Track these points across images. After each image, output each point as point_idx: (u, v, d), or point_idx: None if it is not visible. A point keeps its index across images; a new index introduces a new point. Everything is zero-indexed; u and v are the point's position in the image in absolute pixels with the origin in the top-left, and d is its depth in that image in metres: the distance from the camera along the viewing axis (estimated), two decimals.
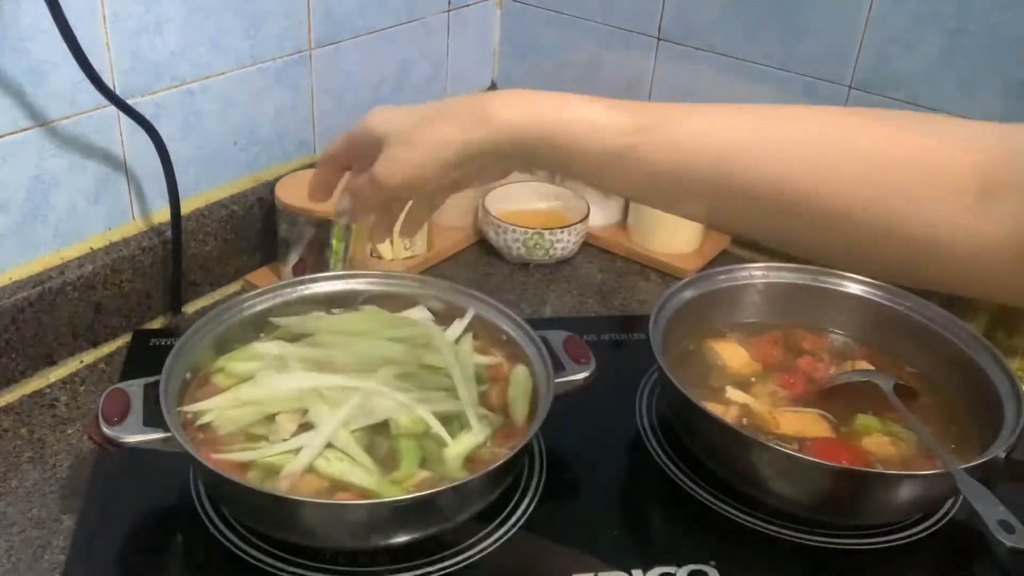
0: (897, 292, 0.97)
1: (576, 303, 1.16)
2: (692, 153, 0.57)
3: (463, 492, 0.74)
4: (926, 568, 0.82)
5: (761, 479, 0.81)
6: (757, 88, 1.22)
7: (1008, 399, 0.84)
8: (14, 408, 0.92)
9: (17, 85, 0.87)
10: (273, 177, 1.13)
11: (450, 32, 1.34)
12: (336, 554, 0.76)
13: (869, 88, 1.14)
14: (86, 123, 0.93)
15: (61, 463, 0.86)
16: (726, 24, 1.21)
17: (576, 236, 1.20)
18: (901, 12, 1.09)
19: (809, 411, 0.90)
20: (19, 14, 0.85)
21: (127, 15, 0.93)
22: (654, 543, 0.84)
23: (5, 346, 0.90)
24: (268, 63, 1.09)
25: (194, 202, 1.06)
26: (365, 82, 1.23)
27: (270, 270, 1.14)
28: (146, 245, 1.00)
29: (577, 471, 0.89)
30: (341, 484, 0.75)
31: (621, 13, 1.29)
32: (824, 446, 0.85)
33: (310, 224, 1.06)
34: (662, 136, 0.58)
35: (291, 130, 1.16)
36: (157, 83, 0.98)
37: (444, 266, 1.21)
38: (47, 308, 0.93)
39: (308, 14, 1.11)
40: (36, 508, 0.81)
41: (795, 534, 0.82)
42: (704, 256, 1.23)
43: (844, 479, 0.79)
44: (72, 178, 0.94)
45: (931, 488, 0.81)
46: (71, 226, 0.96)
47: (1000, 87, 1.06)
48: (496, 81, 1.46)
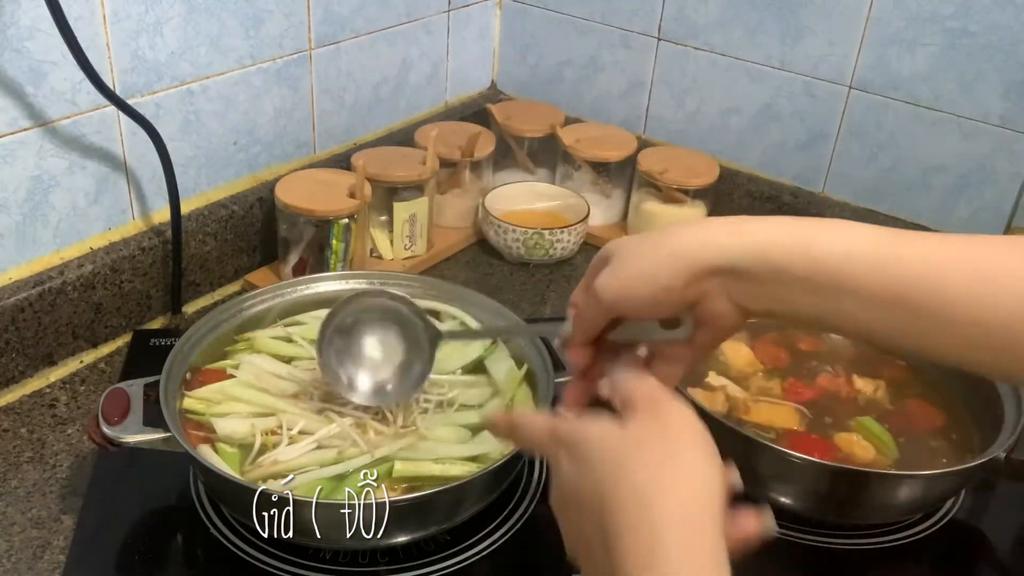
0: None
1: None
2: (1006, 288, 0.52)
3: (463, 492, 0.74)
4: (926, 568, 0.82)
5: (761, 479, 0.81)
6: (757, 88, 1.22)
7: (1008, 399, 0.84)
8: (14, 408, 0.92)
9: (17, 85, 0.87)
10: (273, 177, 1.13)
11: (450, 32, 1.34)
12: (336, 554, 0.76)
13: (869, 88, 1.14)
14: (86, 123, 0.93)
15: (61, 463, 0.86)
16: (726, 24, 1.21)
17: (576, 236, 1.20)
18: (901, 12, 1.09)
19: (786, 404, 0.91)
20: (19, 14, 0.85)
21: (127, 15, 0.93)
22: None
23: (5, 346, 0.90)
24: (268, 63, 1.09)
25: (194, 202, 1.06)
26: (365, 82, 1.23)
27: (270, 270, 1.14)
28: (146, 245, 1.00)
29: None
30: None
31: (621, 13, 1.29)
32: (792, 437, 0.86)
33: (310, 224, 1.06)
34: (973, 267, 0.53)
35: (291, 130, 1.16)
36: (157, 83, 0.98)
37: (444, 266, 1.21)
38: (47, 308, 0.93)
39: (308, 14, 1.11)
40: (36, 508, 0.81)
41: (795, 534, 0.82)
42: None
43: (844, 479, 0.79)
44: (72, 178, 0.94)
45: (931, 488, 0.81)
46: (71, 226, 0.96)
47: (1000, 87, 1.06)
48: (496, 81, 1.46)
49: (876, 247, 0.54)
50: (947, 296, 0.52)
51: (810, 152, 1.22)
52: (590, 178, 1.27)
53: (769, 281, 0.55)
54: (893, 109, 1.13)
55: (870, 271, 0.53)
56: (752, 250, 0.55)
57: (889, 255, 0.53)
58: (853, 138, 1.18)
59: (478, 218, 1.25)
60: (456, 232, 1.24)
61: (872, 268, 0.53)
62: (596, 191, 1.27)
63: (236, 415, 0.80)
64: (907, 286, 0.52)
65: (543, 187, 1.28)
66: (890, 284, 0.52)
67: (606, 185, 1.27)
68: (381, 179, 1.12)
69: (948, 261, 0.52)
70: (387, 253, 1.16)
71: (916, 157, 1.14)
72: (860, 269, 0.53)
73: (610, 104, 1.35)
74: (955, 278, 0.52)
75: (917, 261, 0.53)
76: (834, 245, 0.54)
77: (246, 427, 0.79)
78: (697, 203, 1.22)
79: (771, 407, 0.91)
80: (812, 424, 0.89)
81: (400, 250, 1.16)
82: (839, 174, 1.20)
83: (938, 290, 0.52)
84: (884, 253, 0.53)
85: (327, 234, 1.06)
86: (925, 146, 1.13)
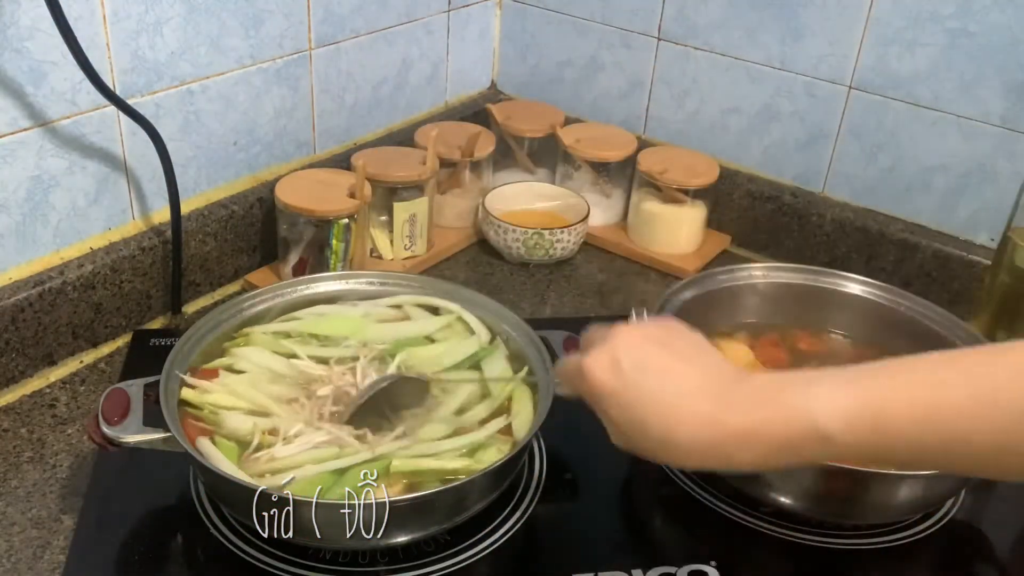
0: (897, 292, 0.97)
1: (576, 303, 1.16)
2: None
3: (463, 492, 0.74)
4: (926, 568, 0.82)
5: (761, 479, 0.81)
6: (757, 88, 1.22)
7: None
8: (14, 408, 0.92)
9: (17, 85, 0.87)
10: (273, 177, 1.13)
11: (450, 32, 1.34)
12: (336, 554, 0.76)
13: (869, 88, 1.14)
14: (86, 123, 0.93)
15: (61, 463, 0.86)
16: (726, 24, 1.21)
17: (576, 236, 1.20)
18: (901, 12, 1.09)
19: None
20: (19, 14, 0.85)
21: (127, 15, 0.93)
22: (654, 543, 0.84)
23: (5, 346, 0.90)
24: (268, 63, 1.09)
25: (194, 202, 1.06)
26: (365, 82, 1.23)
27: (270, 270, 1.14)
28: (146, 245, 1.00)
29: (577, 471, 0.88)
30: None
31: (621, 13, 1.29)
32: None
33: (310, 224, 1.06)
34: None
35: (291, 130, 1.16)
36: (157, 83, 0.98)
37: (444, 266, 1.21)
38: (47, 308, 0.93)
39: (308, 14, 1.11)
40: (36, 508, 0.81)
41: (795, 534, 0.82)
42: (704, 256, 1.23)
43: (844, 479, 0.79)
44: (72, 178, 0.94)
45: (931, 488, 0.81)
46: (71, 226, 0.96)
47: (1000, 87, 1.06)
48: (496, 81, 1.46)
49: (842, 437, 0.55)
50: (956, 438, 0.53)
51: (810, 152, 1.22)
52: (590, 178, 1.27)
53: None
54: (893, 109, 1.13)
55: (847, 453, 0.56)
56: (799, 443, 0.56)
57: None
58: (853, 138, 1.18)
59: (478, 218, 1.25)
60: (456, 232, 1.24)
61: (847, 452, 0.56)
62: (596, 191, 1.27)
63: (239, 411, 0.80)
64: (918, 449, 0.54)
65: (543, 187, 1.28)
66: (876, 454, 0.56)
67: (606, 185, 1.27)
68: (381, 179, 1.12)
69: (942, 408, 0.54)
70: (387, 253, 1.16)
71: (916, 157, 1.14)
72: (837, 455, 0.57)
73: (610, 104, 1.35)
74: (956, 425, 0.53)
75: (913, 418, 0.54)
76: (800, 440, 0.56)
77: (248, 425, 0.79)
78: (697, 203, 1.22)
79: None
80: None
81: (400, 250, 1.16)
82: (839, 174, 1.20)
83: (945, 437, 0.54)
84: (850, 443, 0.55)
85: (327, 234, 1.06)
86: (925, 146, 1.13)
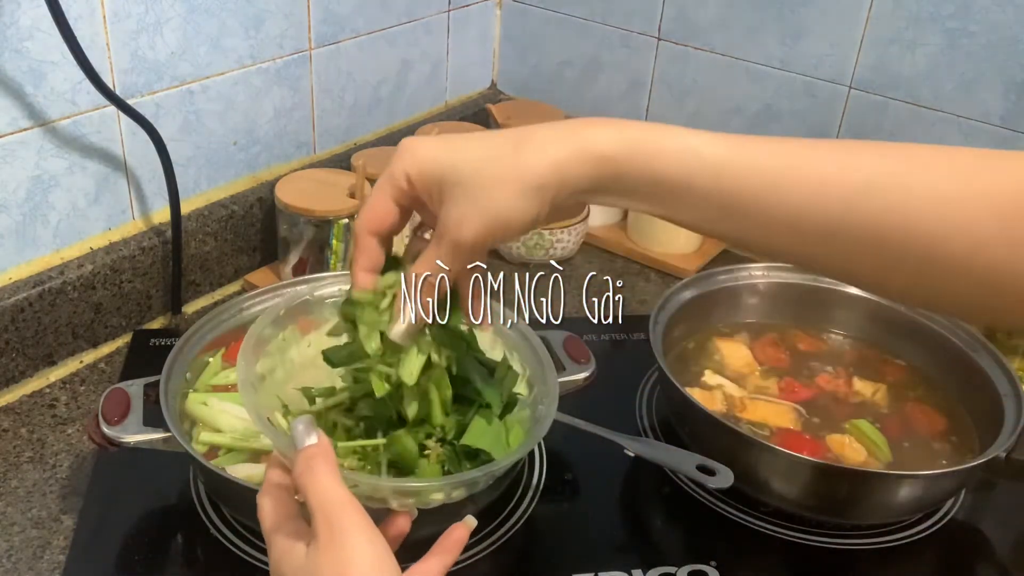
0: None
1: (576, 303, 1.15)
2: (823, 194, 0.53)
3: None
4: (926, 568, 0.82)
5: (761, 479, 0.81)
6: (757, 88, 1.22)
7: (1008, 399, 0.84)
8: (14, 408, 0.92)
9: (17, 85, 0.87)
10: (273, 177, 1.13)
11: (450, 32, 1.34)
12: None
13: (869, 88, 1.14)
14: (86, 123, 0.93)
15: (61, 463, 0.86)
16: (726, 24, 1.21)
17: (576, 236, 1.20)
18: (901, 12, 1.09)
19: (784, 403, 0.91)
20: (19, 14, 0.85)
21: (127, 15, 0.93)
22: (654, 543, 0.84)
23: (5, 346, 0.90)
24: (268, 63, 1.09)
25: (194, 202, 1.06)
26: (365, 82, 1.23)
27: (270, 270, 1.14)
28: (146, 245, 1.00)
29: (577, 471, 0.88)
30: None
31: (621, 13, 1.29)
32: (785, 436, 0.87)
33: (310, 224, 1.06)
34: (799, 173, 0.54)
35: (291, 130, 1.16)
36: (157, 83, 0.98)
37: None
38: (47, 308, 0.93)
39: (308, 14, 1.11)
40: (36, 508, 0.81)
41: (795, 534, 0.82)
42: (704, 256, 1.23)
43: (844, 479, 0.79)
44: (72, 178, 0.94)
45: (931, 488, 0.81)
46: (71, 226, 0.96)
47: (1000, 87, 1.06)
48: (496, 81, 1.46)
49: (713, 157, 0.55)
50: (770, 201, 0.54)
51: None
52: None
53: (612, 190, 0.57)
54: (893, 109, 1.13)
55: (706, 182, 0.54)
56: (599, 171, 0.56)
57: (723, 163, 0.55)
58: (853, 138, 1.18)
59: None
60: None
61: (708, 179, 0.55)
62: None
63: (251, 462, 0.79)
64: (734, 195, 0.54)
65: None
66: (720, 194, 0.55)
67: None
68: None
69: (777, 168, 0.54)
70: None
71: None
72: (697, 181, 0.55)
73: (610, 104, 1.35)
74: (780, 184, 0.54)
75: (746, 168, 0.54)
76: (674, 155, 0.55)
77: (259, 471, 0.78)
78: None
79: (767, 405, 0.91)
80: (808, 423, 0.89)
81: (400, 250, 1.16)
82: None
83: (761, 196, 0.54)
84: (718, 161, 0.55)
85: (327, 234, 1.06)
86: None
